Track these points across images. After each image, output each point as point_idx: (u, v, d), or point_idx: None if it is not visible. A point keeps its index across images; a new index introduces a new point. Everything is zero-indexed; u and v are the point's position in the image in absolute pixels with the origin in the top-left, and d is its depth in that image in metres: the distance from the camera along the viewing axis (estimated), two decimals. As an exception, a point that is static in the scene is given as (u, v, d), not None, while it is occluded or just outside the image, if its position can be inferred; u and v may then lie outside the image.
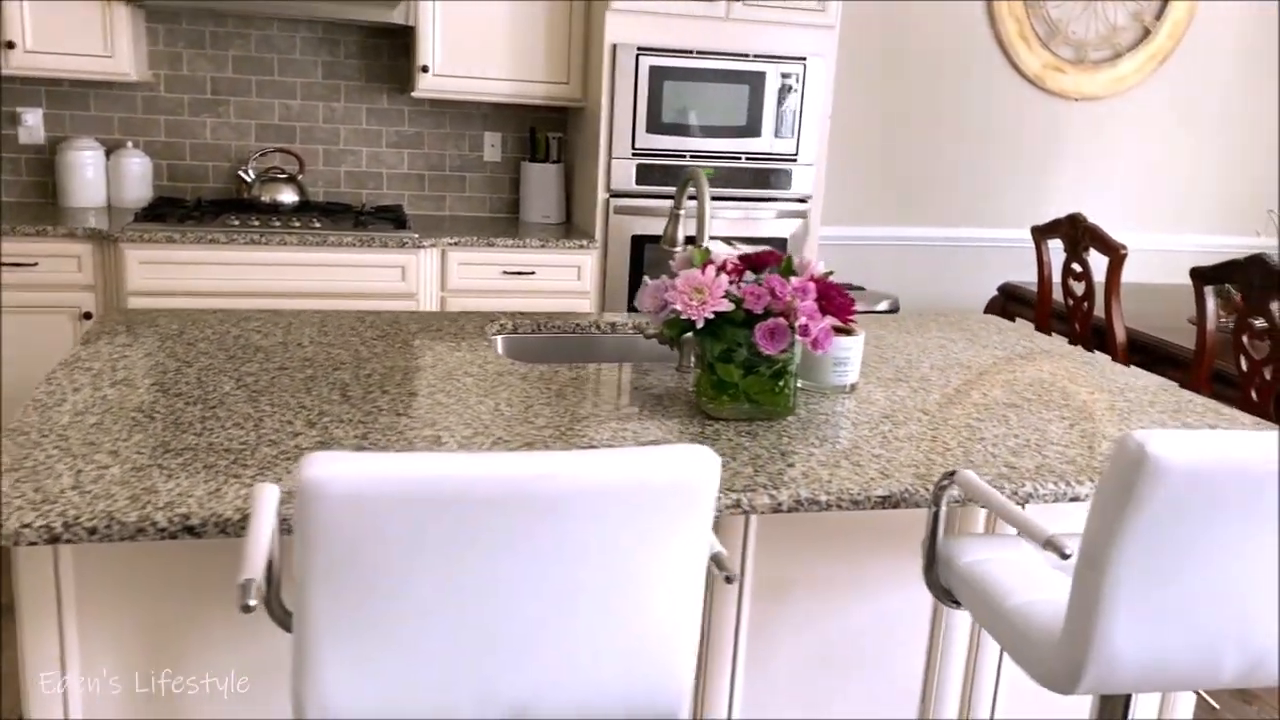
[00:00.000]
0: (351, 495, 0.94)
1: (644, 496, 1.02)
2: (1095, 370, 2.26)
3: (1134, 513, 1.16)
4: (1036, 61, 4.54)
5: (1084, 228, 3.51)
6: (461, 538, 0.97)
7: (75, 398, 1.68)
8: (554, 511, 0.99)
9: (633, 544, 1.03)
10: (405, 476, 0.95)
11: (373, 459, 0.96)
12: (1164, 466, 1.13)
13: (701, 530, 1.07)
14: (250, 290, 3.39)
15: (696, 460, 1.04)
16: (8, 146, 3.73)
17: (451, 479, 0.96)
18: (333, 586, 0.98)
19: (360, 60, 3.96)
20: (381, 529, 0.96)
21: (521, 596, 1.01)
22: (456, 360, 2.04)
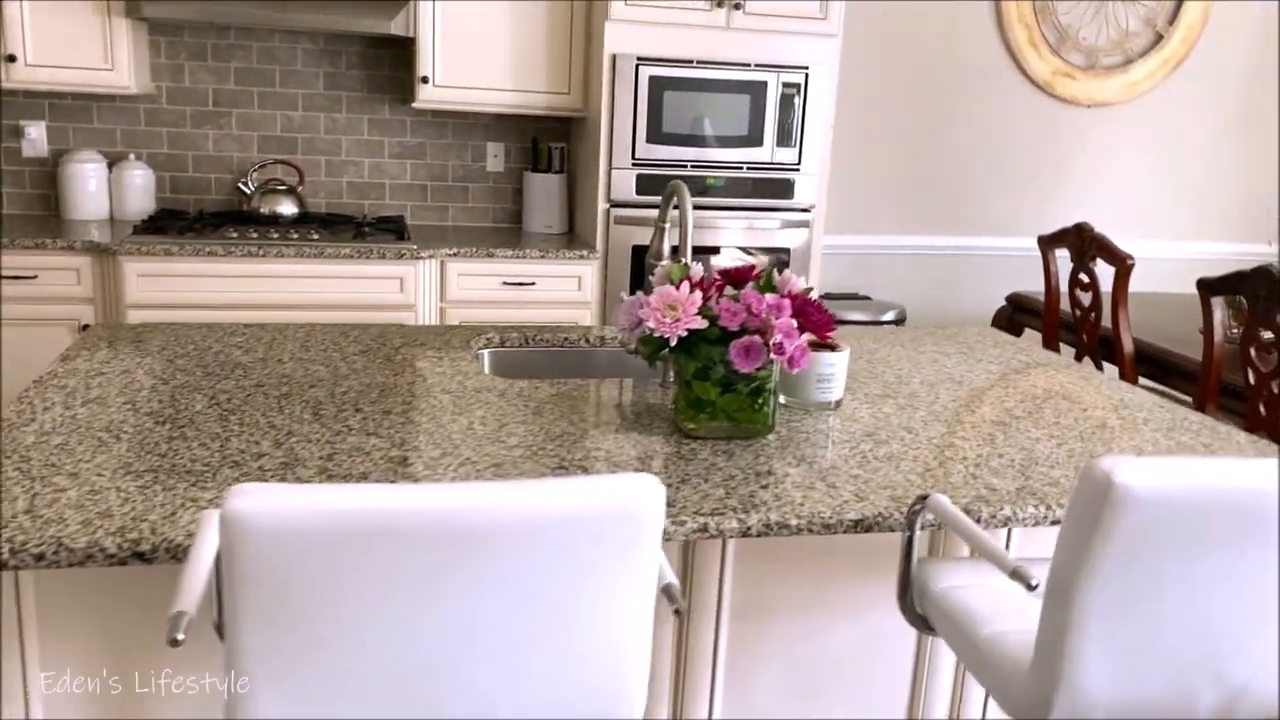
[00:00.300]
0: (277, 529, 0.92)
1: (582, 529, 0.99)
2: (1091, 386, 2.21)
3: (1101, 543, 1.12)
4: (1046, 68, 4.48)
5: (1090, 237, 3.45)
6: (392, 571, 0.95)
7: (44, 417, 1.67)
8: (486, 545, 0.96)
9: (572, 577, 1.00)
10: (332, 509, 0.93)
11: (300, 491, 0.94)
12: (1131, 495, 1.09)
13: (647, 562, 1.04)
14: (249, 303, 3.38)
15: (638, 490, 1.01)
16: (11, 160, 3.75)
17: (380, 511, 0.93)
18: (263, 619, 0.96)
19: (362, 71, 3.96)
20: (309, 562, 0.93)
21: (457, 630, 0.98)
22: (436, 377, 2.01)
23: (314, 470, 1.51)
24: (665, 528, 1.40)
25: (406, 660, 0.97)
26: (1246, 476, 1.11)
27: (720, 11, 3.57)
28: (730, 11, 3.57)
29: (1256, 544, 1.12)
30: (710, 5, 3.55)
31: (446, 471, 1.54)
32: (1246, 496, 1.10)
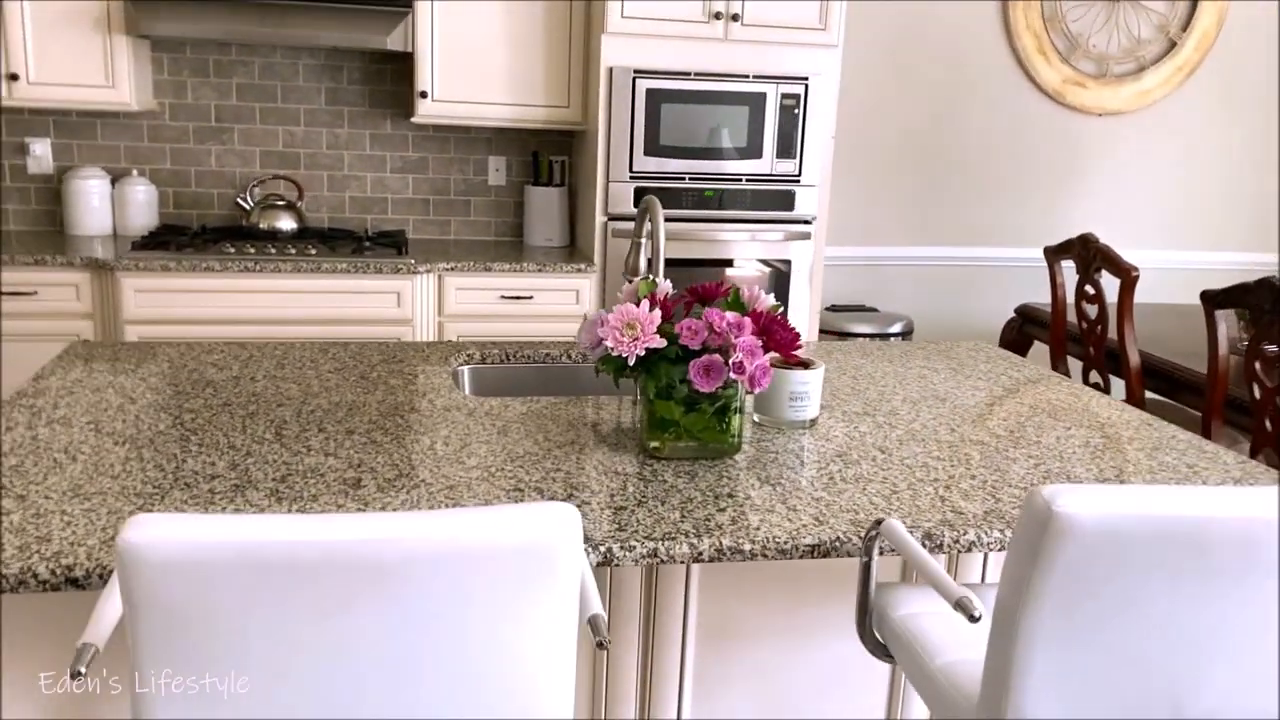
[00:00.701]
0: (171, 561, 0.90)
1: (490, 560, 0.96)
2: (1080, 404, 2.16)
3: (1043, 573, 1.08)
4: (1056, 76, 4.42)
5: (1095, 248, 3.39)
6: (289, 604, 0.92)
7: (5, 437, 1.67)
8: (386, 577, 0.93)
9: (480, 611, 0.97)
10: (227, 541, 0.91)
11: (196, 522, 0.92)
12: (1073, 524, 1.05)
13: (562, 594, 1.01)
14: (246, 318, 3.39)
15: (550, 520, 0.98)
16: (17, 177, 3.78)
17: (276, 544, 0.91)
18: (161, 651, 0.94)
19: (363, 86, 3.96)
20: (205, 594, 0.91)
21: (358, 665, 0.95)
22: (406, 395, 2.00)
23: (264, 493, 1.50)
24: (613, 552, 1.38)
25: (306, 694, 0.95)
26: (1191, 505, 1.06)
27: (718, 24, 3.54)
28: (728, 23, 3.55)
29: (1204, 573, 1.07)
30: (708, 17, 3.53)
31: (398, 494, 1.52)
32: (1191, 525, 1.06)
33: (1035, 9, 4.33)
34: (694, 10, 3.52)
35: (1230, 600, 1.09)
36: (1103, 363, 3.46)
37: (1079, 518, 1.05)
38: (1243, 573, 1.08)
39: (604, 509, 1.49)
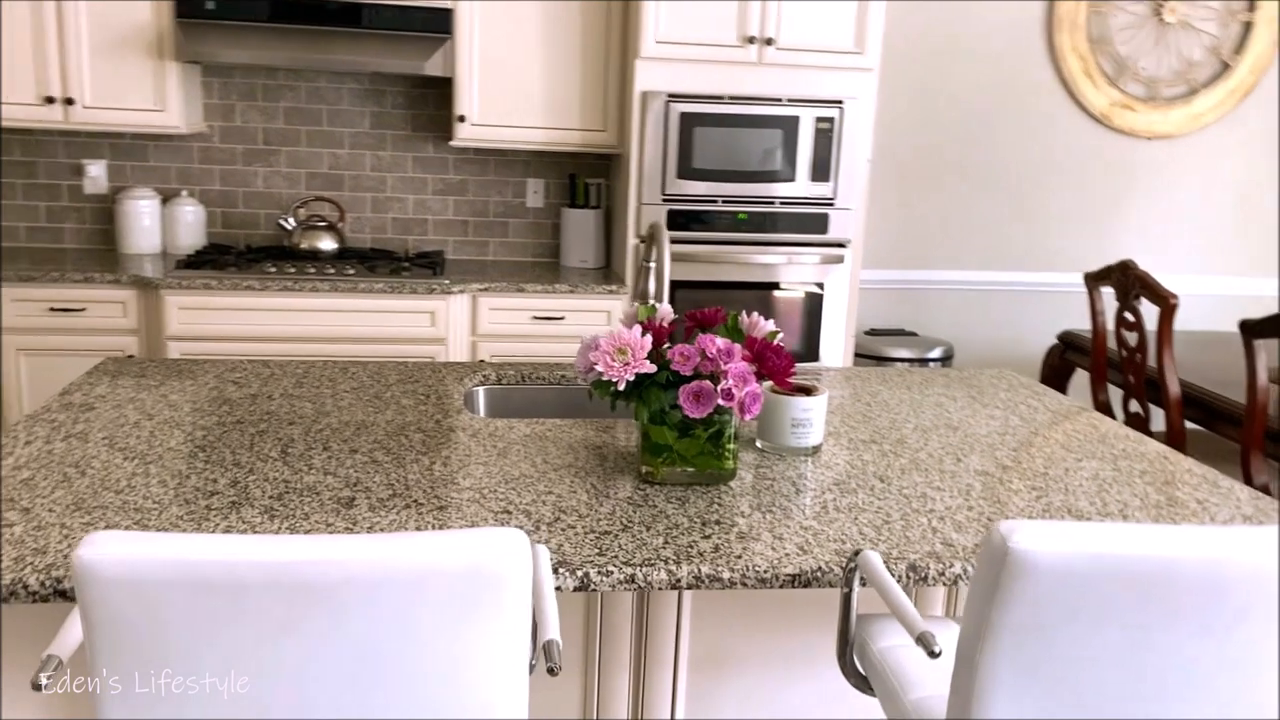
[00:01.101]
0: (122, 577, 0.93)
1: (434, 584, 0.97)
2: (1096, 435, 2.11)
3: (1001, 610, 1.06)
4: (1103, 99, 4.35)
5: (1134, 275, 3.32)
6: (234, 622, 0.95)
7: (23, 451, 1.73)
8: (329, 599, 0.95)
9: (428, 632, 0.99)
10: (175, 559, 0.93)
11: (146, 540, 0.94)
12: (1028, 561, 1.03)
13: (510, 618, 1.02)
14: (285, 336, 3.47)
15: (496, 545, 0.99)
16: (74, 197, 3.93)
17: (221, 563, 0.93)
18: (115, 663, 0.97)
19: (406, 110, 4.05)
20: (154, 610, 0.94)
21: (309, 683, 0.97)
22: (415, 415, 2.03)
23: (259, 510, 1.53)
24: (590, 577, 1.38)
25: (252, 712, 0.97)
26: (1154, 545, 1.04)
27: (751, 48, 3.55)
28: (762, 47, 3.55)
29: (1168, 615, 1.05)
30: (741, 41, 3.54)
31: (388, 514, 1.54)
32: (1153, 566, 1.03)
33: (1081, 32, 4.27)
34: (727, 35, 3.53)
35: (1195, 643, 1.06)
36: (1143, 391, 3.39)
37: (1036, 555, 1.03)
38: (1207, 615, 1.05)
39: (588, 533, 1.50)
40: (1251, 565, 1.04)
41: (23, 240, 3.92)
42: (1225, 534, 1.05)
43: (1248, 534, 1.05)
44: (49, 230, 3.92)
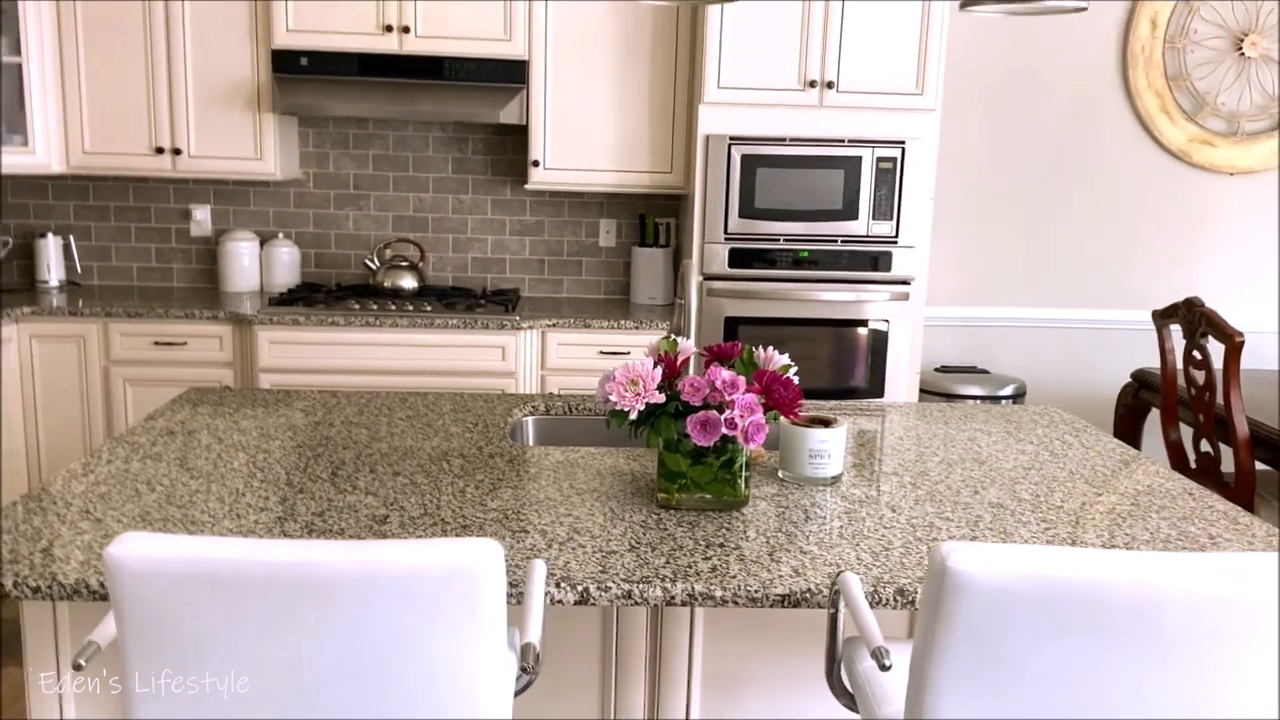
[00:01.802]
0: (144, 572, 1.07)
1: (415, 586, 1.09)
2: (1124, 471, 2.13)
3: (945, 628, 1.13)
4: (1181, 135, 4.29)
5: (1200, 312, 3.28)
6: (241, 613, 1.08)
7: (104, 469, 1.93)
8: (322, 596, 1.08)
9: (412, 628, 1.10)
10: (190, 557, 1.07)
11: (169, 540, 1.09)
12: (965, 581, 1.10)
13: (485, 620, 1.13)
14: (366, 368, 3.68)
15: (473, 553, 1.11)
16: (181, 239, 4.24)
17: (229, 561, 1.07)
18: (140, 648, 1.11)
19: (486, 156, 4.25)
20: (172, 602, 1.08)
21: (298, 671, 1.10)
22: (460, 442, 2.17)
23: (301, 525, 1.68)
24: (590, 591, 1.49)
25: (256, 693, 1.10)
26: (1085, 567, 1.09)
27: (813, 91, 3.65)
28: (823, 90, 3.65)
29: (1101, 635, 1.10)
30: (803, 85, 3.64)
31: (416, 531, 1.67)
32: (1086, 587, 1.09)
33: (1157, 69, 4.23)
34: (789, 79, 3.64)
35: (1134, 664, 1.10)
36: (1212, 430, 3.33)
37: (972, 575, 1.10)
38: (1140, 637, 1.09)
39: (595, 552, 1.60)
40: (1183, 591, 1.09)
41: (134, 279, 4.25)
42: (1157, 559, 1.10)
43: (1180, 560, 1.10)
44: (158, 270, 4.24)
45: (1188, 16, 4.21)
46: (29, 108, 3.73)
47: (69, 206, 4.18)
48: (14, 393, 3.63)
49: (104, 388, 3.69)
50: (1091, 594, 1.09)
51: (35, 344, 3.65)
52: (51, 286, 4.07)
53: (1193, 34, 4.23)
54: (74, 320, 3.66)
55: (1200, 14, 4.21)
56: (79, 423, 3.71)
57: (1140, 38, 4.20)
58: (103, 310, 3.65)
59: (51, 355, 3.66)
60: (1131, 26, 4.21)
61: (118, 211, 4.20)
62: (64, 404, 3.69)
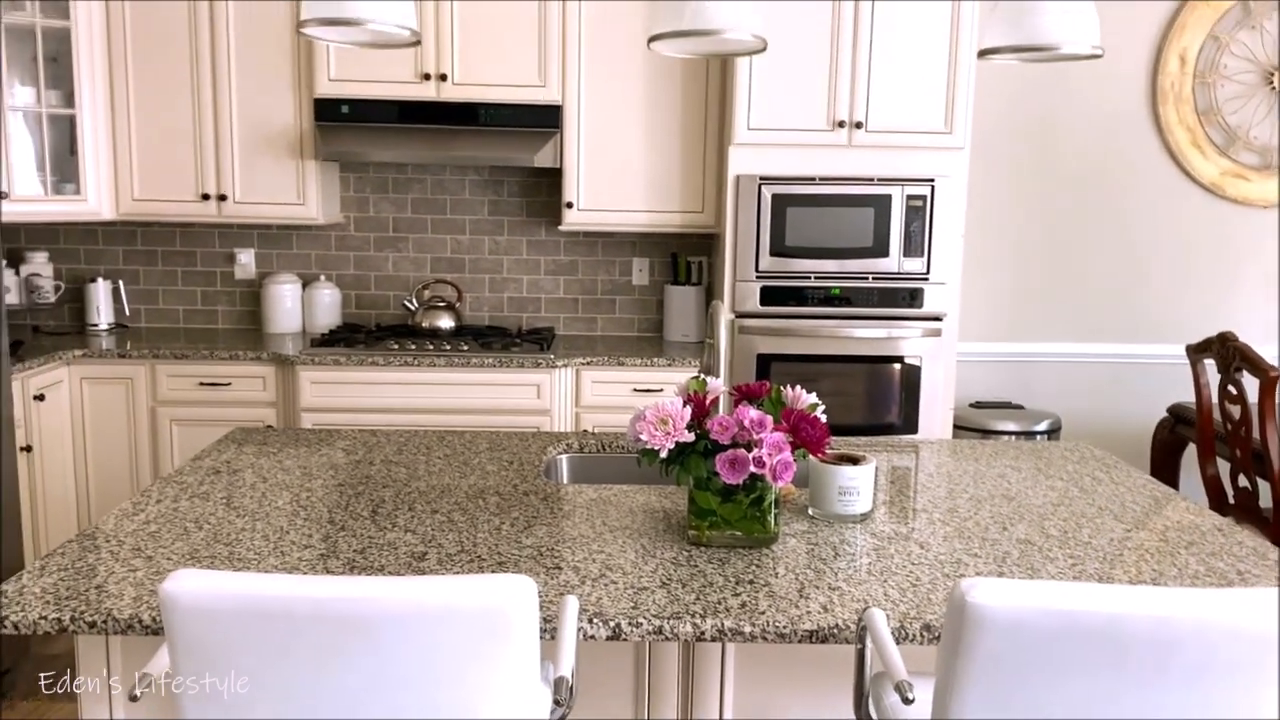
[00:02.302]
0: (197, 607, 1.13)
1: (452, 620, 1.14)
2: (1153, 507, 2.13)
3: (965, 662, 1.16)
4: (1213, 169, 4.29)
5: (1234, 347, 3.27)
6: (287, 646, 1.13)
7: (153, 508, 2.00)
8: (369, 630, 1.13)
9: (448, 661, 1.15)
10: (239, 593, 1.13)
11: (220, 577, 1.15)
12: (984, 615, 1.13)
13: (519, 654, 1.17)
14: (406, 407, 3.75)
15: (507, 589, 1.16)
16: (226, 282, 4.36)
17: (277, 598, 1.12)
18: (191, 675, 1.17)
19: (521, 198, 4.35)
20: (223, 635, 1.14)
21: (340, 701, 1.15)
22: (495, 480, 2.22)
23: (342, 562, 1.74)
24: (621, 627, 1.52)
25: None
26: (1105, 602, 1.12)
27: (841, 131, 3.70)
28: (851, 130, 3.70)
29: (1120, 669, 1.12)
30: (831, 125, 3.70)
31: (454, 568, 1.72)
32: (1104, 622, 1.11)
33: (1188, 104, 4.25)
34: (817, 120, 3.70)
35: (1147, 698, 1.13)
36: (1249, 466, 3.31)
37: (992, 609, 1.13)
38: (1157, 671, 1.11)
39: (627, 589, 1.64)
40: (1200, 625, 1.11)
41: (181, 322, 4.36)
42: (1174, 594, 1.12)
43: (1196, 595, 1.12)
44: (203, 312, 4.36)
45: (1217, 52, 4.23)
46: (81, 157, 3.87)
47: (118, 251, 4.32)
48: (64, 434, 3.74)
49: (151, 428, 3.79)
50: (1110, 629, 1.12)
51: (85, 386, 3.77)
52: (101, 329, 4.20)
53: (1222, 69, 4.24)
54: (122, 362, 3.77)
55: (1230, 49, 4.23)
56: (127, 462, 3.81)
57: (1169, 74, 4.23)
58: (150, 352, 3.76)
59: (101, 397, 3.77)
60: (1160, 63, 4.24)
61: (165, 256, 4.33)
62: (112, 444, 3.79)
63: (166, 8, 3.87)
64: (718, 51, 1.98)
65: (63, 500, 3.74)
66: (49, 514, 3.66)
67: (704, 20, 1.71)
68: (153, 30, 3.88)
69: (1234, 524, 2.03)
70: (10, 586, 1.61)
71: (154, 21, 3.87)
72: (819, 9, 3.65)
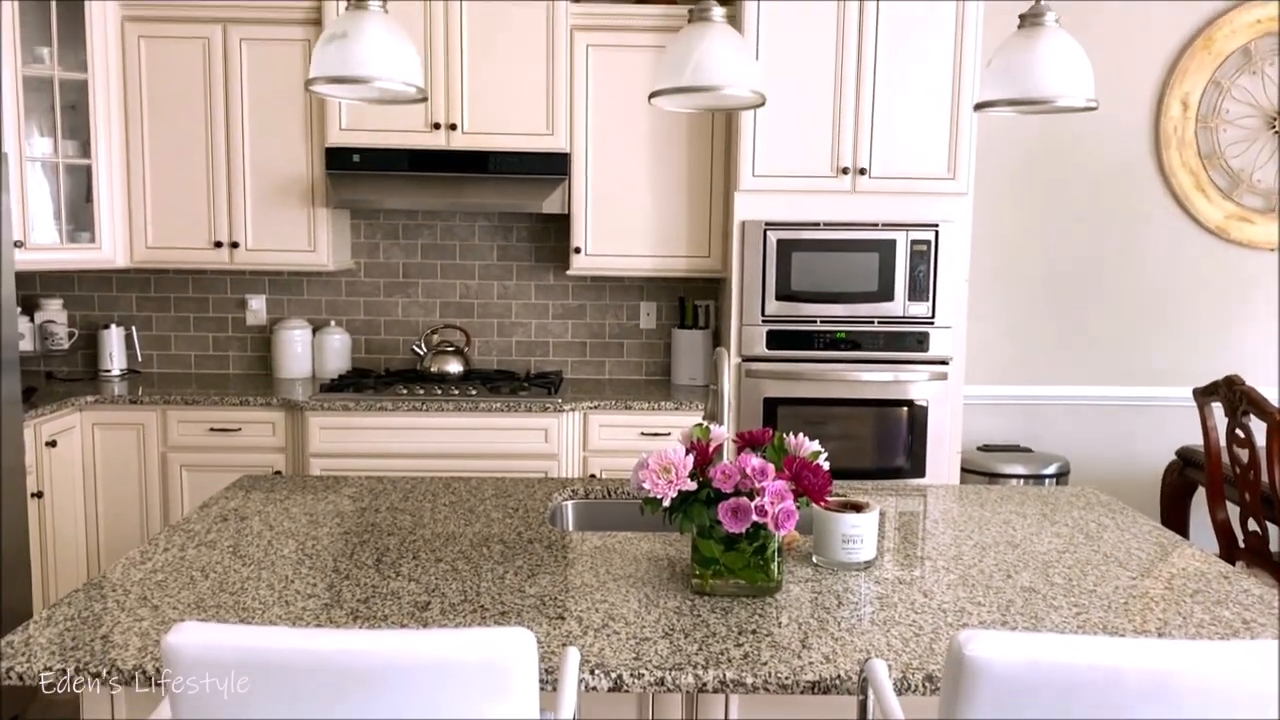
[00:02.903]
0: (200, 659, 1.14)
1: (453, 675, 1.15)
2: (1160, 554, 2.13)
3: (964, 715, 1.16)
4: (1218, 213, 4.31)
5: (1240, 391, 3.27)
6: (289, 698, 1.14)
7: (160, 557, 2.01)
8: (370, 682, 1.14)
9: (449, 714, 1.16)
10: (241, 646, 1.14)
11: (221, 629, 1.16)
12: (981, 668, 1.13)
13: (520, 704, 1.18)
14: (414, 452, 3.77)
15: (507, 642, 1.16)
16: (237, 328, 4.40)
17: (278, 650, 1.13)
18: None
19: (530, 243, 4.39)
20: (225, 687, 1.15)
21: (341, 757, 1.15)
22: (500, 528, 2.23)
23: (346, 612, 1.75)
24: (624, 678, 1.52)
25: (300, 779, 1.16)
26: (1103, 654, 1.12)
27: (845, 178, 3.74)
28: (855, 176, 3.74)
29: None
30: (835, 172, 3.73)
31: (456, 617, 1.73)
32: (1103, 675, 1.11)
33: (1191, 148, 4.28)
34: (822, 166, 3.73)
35: (1149, 752, 1.12)
36: (1259, 509, 3.29)
37: (990, 662, 1.13)
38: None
39: (630, 639, 1.64)
40: (1200, 678, 1.11)
41: (192, 368, 4.40)
42: (1173, 646, 1.12)
43: (1196, 647, 1.12)
44: (215, 358, 4.40)
45: (1219, 97, 4.26)
46: (97, 206, 3.93)
47: (131, 298, 4.37)
48: (75, 480, 3.77)
49: (161, 473, 3.81)
50: (1108, 682, 1.12)
51: (97, 431, 3.80)
52: (114, 375, 4.23)
53: (1224, 114, 4.28)
54: (134, 408, 3.80)
55: (1231, 94, 4.27)
56: (137, 508, 3.83)
57: (1172, 118, 4.26)
58: (161, 398, 3.79)
59: (112, 442, 3.80)
60: (1163, 108, 4.27)
61: (177, 302, 4.38)
62: (123, 490, 3.82)
63: (181, 60, 3.94)
64: (717, 107, 2.01)
65: (73, 546, 3.75)
66: (59, 561, 3.68)
67: (703, 77, 1.74)
68: (168, 81, 3.95)
69: (1241, 571, 2.02)
70: (17, 636, 1.62)
71: (169, 73, 3.95)
72: (822, 58, 3.71)
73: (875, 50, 3.70)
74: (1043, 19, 1.94)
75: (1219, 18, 4.22)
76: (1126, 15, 4.25)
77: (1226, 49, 4.22)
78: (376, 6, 1.90)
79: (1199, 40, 4.22)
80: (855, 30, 3.69)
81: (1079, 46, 1.93)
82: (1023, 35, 1.95)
